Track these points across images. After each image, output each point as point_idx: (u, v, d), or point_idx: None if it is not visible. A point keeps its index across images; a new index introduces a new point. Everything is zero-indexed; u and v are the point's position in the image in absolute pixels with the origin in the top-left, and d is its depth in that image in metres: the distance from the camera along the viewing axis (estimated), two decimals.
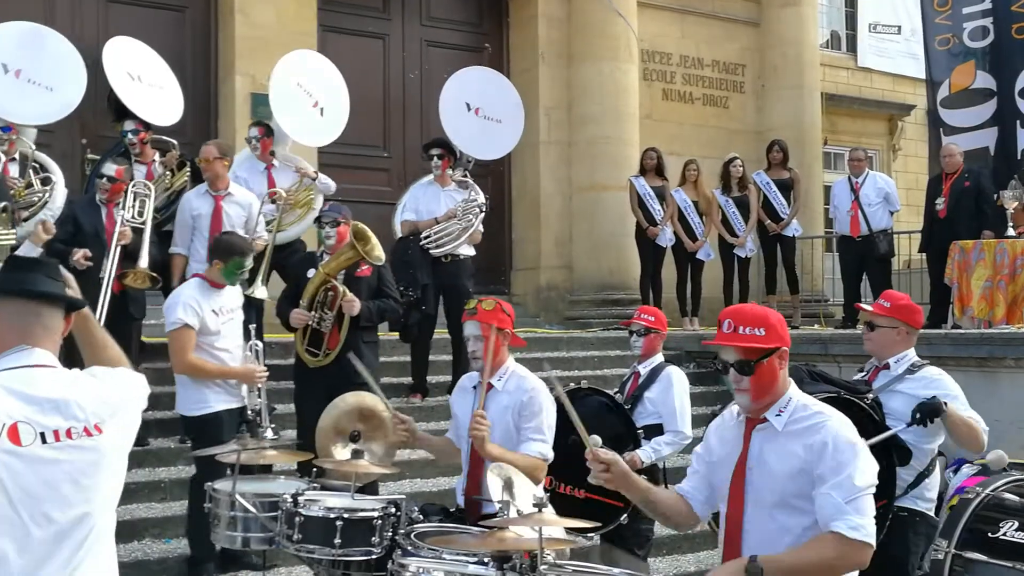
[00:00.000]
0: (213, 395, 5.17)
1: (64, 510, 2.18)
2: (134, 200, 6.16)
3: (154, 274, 5.97)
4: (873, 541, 2.69)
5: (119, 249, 5.91)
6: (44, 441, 2.16)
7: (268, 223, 6.80)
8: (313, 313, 5.63)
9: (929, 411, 3.91)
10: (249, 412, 5.16)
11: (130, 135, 6.81)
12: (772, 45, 12.26)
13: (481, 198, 7.53)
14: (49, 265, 2.38)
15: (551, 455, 4.03)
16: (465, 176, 7.74)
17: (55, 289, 2.31)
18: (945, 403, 3.93)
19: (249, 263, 5.40)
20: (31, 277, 2.29)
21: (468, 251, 7.47)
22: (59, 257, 5.49)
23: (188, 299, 5.14)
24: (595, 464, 2.96)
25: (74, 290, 2.43)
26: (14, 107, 6.39)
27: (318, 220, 5.86)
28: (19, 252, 5.49)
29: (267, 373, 5.31)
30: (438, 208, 7.41)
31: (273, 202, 6.83)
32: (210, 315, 5.16)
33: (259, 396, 5.25)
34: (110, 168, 6.13)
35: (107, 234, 5.99)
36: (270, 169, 7.13)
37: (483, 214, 7.50)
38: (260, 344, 5.39)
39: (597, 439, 4.62)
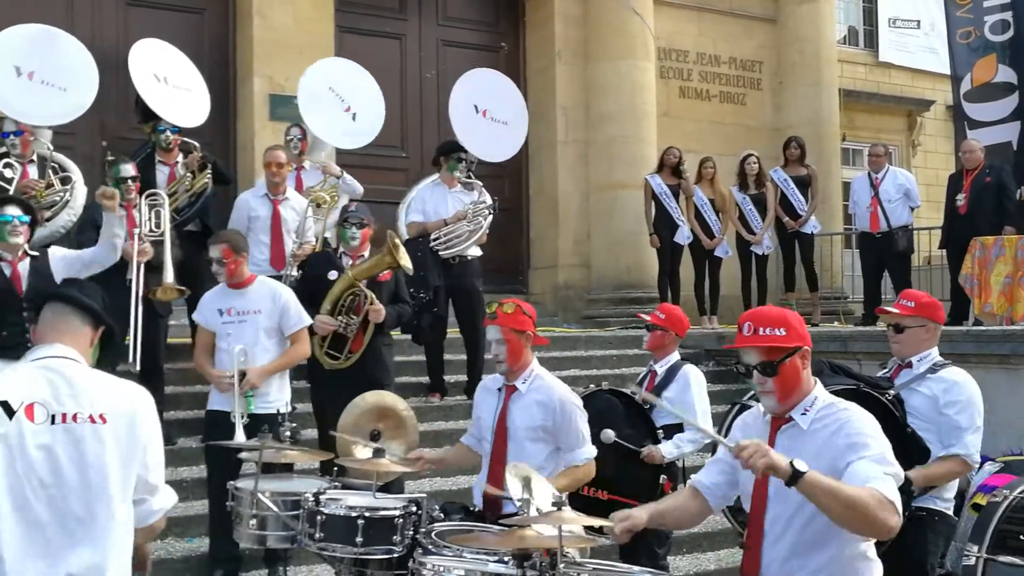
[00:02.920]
0: (212, 395, 5.33)
1: (62, 489, 2.46)
2: (149, 212, 6.12)
3: (181, 288, 5.97)
4: (901, 520, 2.66)
5: (142, 266, 5.88)
6: (53, 423, 2.48)
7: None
8: (340, 318, 5.60)
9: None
10: (232, 416, 4.97)
11: (169, 132, 6.89)
12: (789, 42, 12.21)
13: (489, 199, 7.51)
14: (88, 285, 2.88)
15: (595, 452, 4.12)
16: (469, 177, 7.73)
17: (82, 300, 2.72)
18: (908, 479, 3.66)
19: (213, 253, 5.28)
20: (70, 290, 2.79)
21: (475, 251, 7.44)
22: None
23: (203, 300, 5.43)
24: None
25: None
26: (29, 109, 6.45)
27: (344, 221, 5.85)
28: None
29: (231, 379, 5.03)
30: (445, 209, 7.38)
31: (318, 206, 6.87)
32: (213, 314, 5.28)
33: (236, 402, 4.99)
34: (128, 170, 6.17)
35: (129, 234, 5.97)
36: (300, 171, 7.20)
37: (491, 216, 7.48)
38: (240, 347, 5.12)
39: (610, 433, 4.68)
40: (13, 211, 5.18)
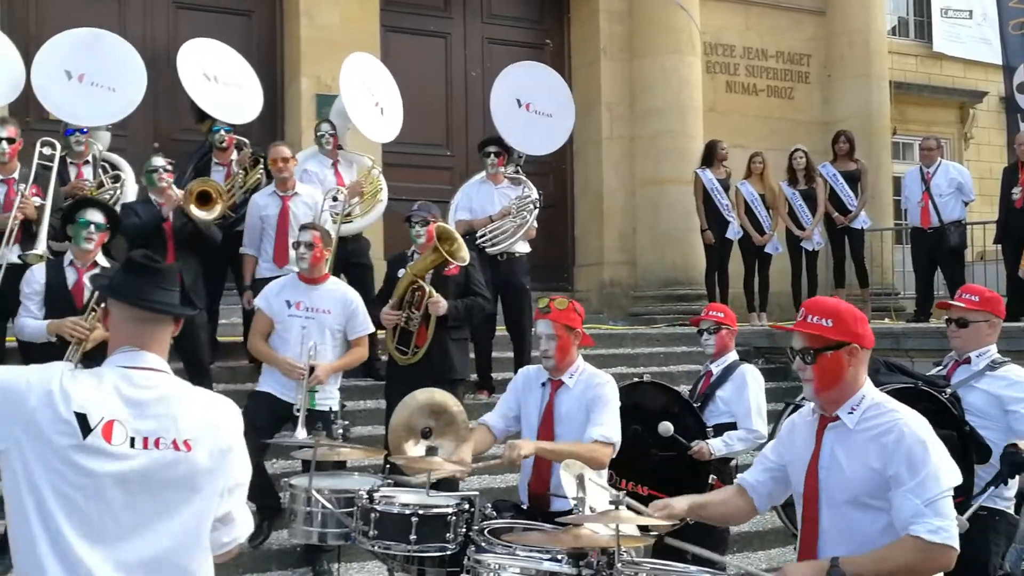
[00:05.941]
0: (265, 379, 5.44)
1: (136, 521, 2.14)
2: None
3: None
4: (956, 544, 2.63)
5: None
6: (132, 445, 2.14)
7: (335, 214, 6.94)
8: (402, 312, 5.69)
9: (1016, 466, 3.79)
10: (296, 409, 5.10)
11: (223, 131, 6.98)
12: (838, 34, 12.03)
13: (535, 194, 7.48)
14: (166, 273, 2.35)
15: (616, 438, 4.05)
16: (517, 172, 7.72)
17: (169, 299, 2.32)
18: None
19: (304, 237, 5.38)
20: (147, 287, 2.29)
21: (523, 248, 7.43)
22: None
23: (269, 287, 5.57)
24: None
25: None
26: (82, 110, 6.58)
27: (408, 219, 5.89)
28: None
29: (304, 370, 5.14)
30: (492, 206, 7.38)
31: (335, 199, 6.90)
32: (280, 304, 5.37)
33: (302, 395, 5.12)
34: (158, 160, 6.25)
35: (167, 228, 6.07)
36: (336, 164, 7.28)
37: (537, 210, 7.46)
38: (312, 343, 5.24)
39: (668, 426, 4.64)
40: (93, 216, 5.16)
